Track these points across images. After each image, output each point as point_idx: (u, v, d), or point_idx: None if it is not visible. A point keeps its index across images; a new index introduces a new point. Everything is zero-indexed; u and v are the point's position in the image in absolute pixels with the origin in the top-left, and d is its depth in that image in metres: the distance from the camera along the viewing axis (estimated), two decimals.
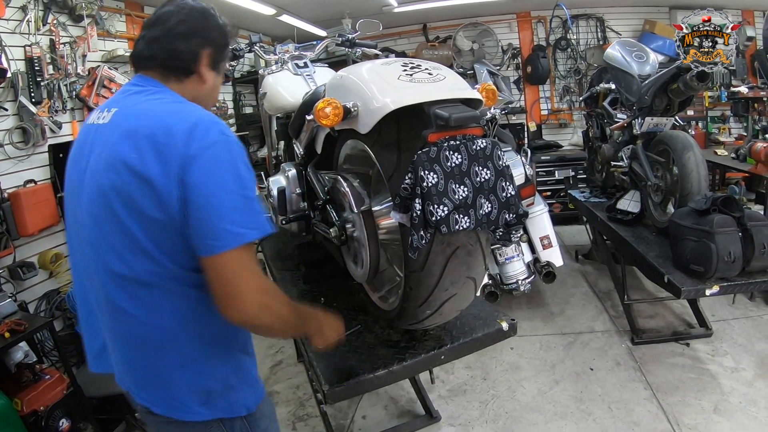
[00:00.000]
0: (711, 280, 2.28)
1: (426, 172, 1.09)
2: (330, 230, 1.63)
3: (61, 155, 2.78)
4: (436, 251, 1.23)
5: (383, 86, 1.21)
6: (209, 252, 0.95)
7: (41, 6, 2.81)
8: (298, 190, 1.99)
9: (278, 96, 2.17)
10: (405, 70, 1.24)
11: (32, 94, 2.71)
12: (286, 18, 4.54)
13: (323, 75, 2.17)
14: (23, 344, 2.34)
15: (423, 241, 1.12)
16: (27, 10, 2.71)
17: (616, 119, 3.33)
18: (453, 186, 1.11)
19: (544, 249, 3.24)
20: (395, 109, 1.16)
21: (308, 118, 1.35)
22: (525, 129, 5.93)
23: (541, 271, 3.20)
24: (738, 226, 2.27)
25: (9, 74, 2.56)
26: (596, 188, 4.05)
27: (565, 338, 3.19)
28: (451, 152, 1.12)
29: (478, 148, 1.15)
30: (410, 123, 1.21)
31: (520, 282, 3.13)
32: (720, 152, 4.46)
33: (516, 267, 3.15)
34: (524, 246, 3.24)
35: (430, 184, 1.09)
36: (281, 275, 2.34)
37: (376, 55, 2.57)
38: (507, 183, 1.18)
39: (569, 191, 4.52)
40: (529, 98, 5.98)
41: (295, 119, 1.87)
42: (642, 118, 3.02)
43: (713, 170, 4.58)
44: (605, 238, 3.65)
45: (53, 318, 2.64)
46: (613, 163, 3.37)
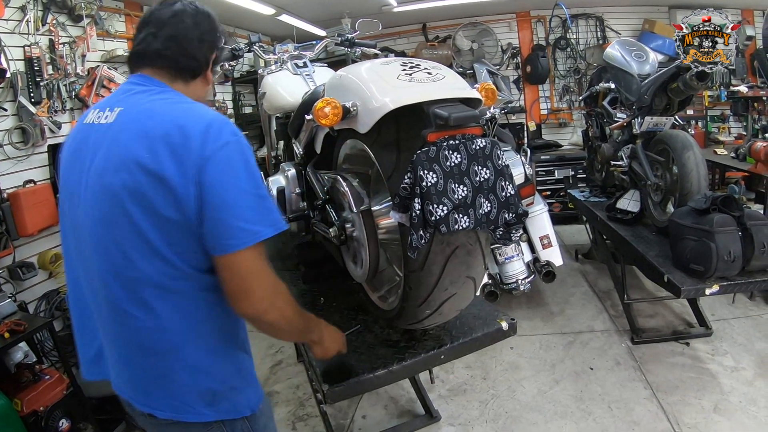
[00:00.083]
0: (711, 280, 2.28)
1: (425, 172, 1.09)
2: (329, 230, 1.63)
3: None
4: (436, 251, 1.23)
5: (382, 86, 1.21)
6: (224, 251, 0.96)
7: (40, 6, 2.80)
8: (298, 190, 2.00)
9: (277, 96, 2.17)
10: (404, 70, 1.24)
11: (31, 94, 2.71)
12: (286, 18, 4.54)
13: (322, 75, 2.17)
14: (23, 344, 2.34)
15: (422, 241, 1.12)
16: (26, 10, 2.71)
17: (616, 119, 3.33)
18: (452, 185, 1.11)
19: (544, 248, 3.24)
20: (394, 109, 1.16)
21: (307, 118, 1.35)
22: (524, 128, 5.93)
23: (541, 271, 3.20)
24: (738, 226, 2.27)
25: (8, 74, 2.56)
26: (596, 188, 4.05)
27: (565, 338, 3.19)
28: (451, 152, 1.11)
29: (478, 148, 1.15)
30: (409, 122, 1.20)
31: (520, 281, 3.14)
32: (720, 151, 4.46)
33: (516, 266, 3.15)
34: (524, 245, 3.24)
35: (430, 184, 1.09)
36: (281, 275, 2.31)
37: (376, 55, 2.57)
38: (506, 182, 1.18)
39: (569, 191, 4.53)
40: (529, 98, 5.98)
41: (295, 119, 1.87)
42: (641, 118, 3.02)
43: (713, 169, 4.58)
44: (605, 238, 3.65)
45: (53, 318, 2.64)
46: (613, 163, 3.37)
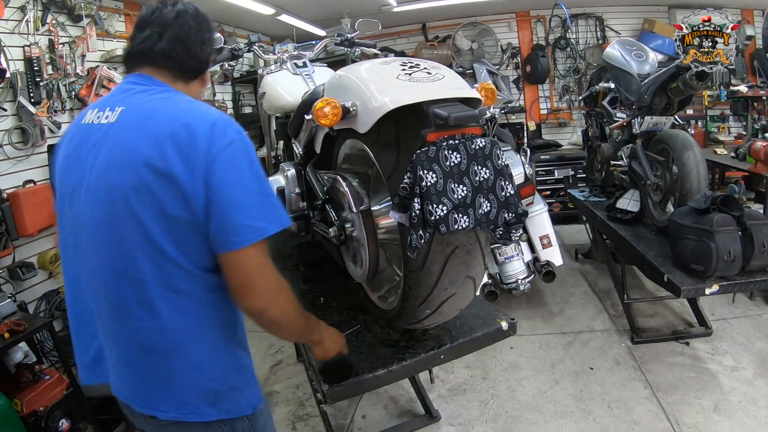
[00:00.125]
0: (711, 279, 2.28)
1: (425, 172, 1.09)
2: (329, 230, 1.63)
3: None
4: (436, 251, 1.23)
5: (382, 86, 1.21)
6: (230, 248, 0.97)
7: (40, 6, 2.80)
8: (297, 190, 2.00)
9: (277, 96, 2.17)
10: (404, 70, 1.24)
11: (31, 95, 2.71)
12: (285, 18, 4.54)
13: (322, 74, 2.16)
14: (23, 344, 2.34)
15: (422, 241, 1.12)
16: (26, 10, 2.71)
17: (616, 118, 3.33)
18: (452, 185, 1.10)
19: (544, 248, 3.24)
20: (394, 109, 1.15)
21: (307, 118, 1.35)
22: (524, 128, 5.93)
23: (541, 271, 3.20)
24: (738, 225, 2.27)
25: (8, 74, 2.56)
26: (596, 187, 4.04)
27: (565, 337, 3.19)
28: (450, 151, 1.11)
29: (477, 148, 1.15)
30: (409, 122, 1.20)
31: (520, 281, 3.14)
32: (719, 151, 4.46)
33: (515, 266, 3.16)
34: (524, 245, 3.25)
35: (429, 184, 1.08)
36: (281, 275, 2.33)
37: (375, 55, 2.57)
38: (506, 182, 1.18)
39: (569, 190, 4.53)
40: (529, 97, 5.98)
41: (294, 119, 1.87)
42: (641, 117, 3.02)
43: (713, 169, 4.58)
44: (605, 238, 3.64)
45: (53, 318, 2.64)
46: (613, 162, 3.37)
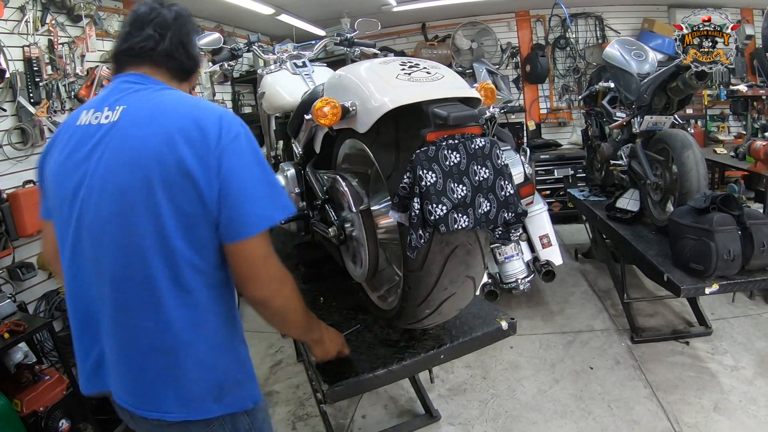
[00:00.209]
0: (710, 279, 2.27)
1: (424, 171, 1.08)
2: (329, 230, 1.63)
3: None
4: (435, 250, 1.23)
5: (381, 85, 1.20)
6: (239, 237, 0.99)
7: (39, 6, 2.80)
8: (297, 190, 2.00)
9: (277, 95, 2.17)
10: (403, 69, 1.24)
11: (31, 95, 2.71)
12: (285, 17, 4.54)
13: (322, 74, 2.16)
14: (23, 345, 2.34)
15: (422, 241, 1.11)
16: (25, 11, 2.71)
17: (615, 118, 3.33)
18: (452, 185, 1.10)
19: (544, 248, 3.24)
20: (393, 108, 1.15)
21: (307, 118, 1.35)
22: (524, 128, 5.93)
23: (541, 270, 3.20)
24: (737, 225, 2.27)
25: (7, 74, 2.56)
26: (595, 187, 4.04)
27: (565, 337, 3.19)
28: (450, 151, 1.11)
29: (477, 147, 1.14)
30: (409, 122, 1.20)
31: (520, 281, 3.14)
32: (719, 150, 4.46)
33: (515, 266, 3.15)
34: (524, 245, 3.24)
35: (429, 183, 1.08)
36: None
37: (375, 55, 2.57)
38: (506, 182, 1.18)
39: (568, 190, 4.52)
40: (528, 97, 5.98)
41: (294, 119, 1.86)
42: (641, 117, 3.02)
43: (712, 169, 4.58)
44: (605, 237, 3.64)
45: (53, 318, 2.64)
46: (613, 162, 3.37)
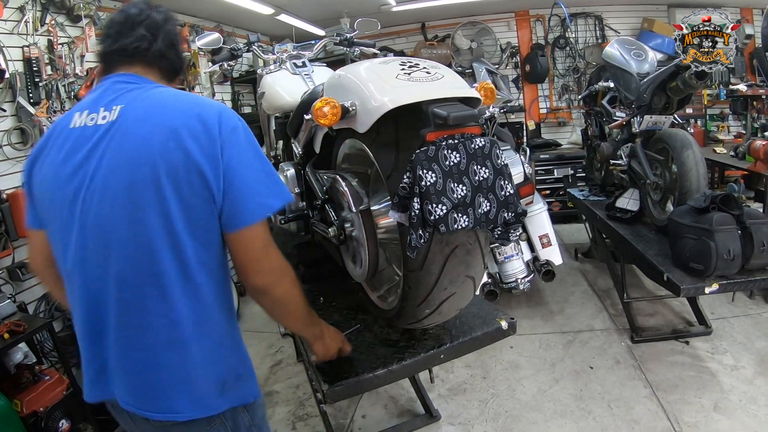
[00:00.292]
0: (710, 278, 2.28)
1: (424, 171, 1.08)
2: (329, 230, 1.63)
3: None
4: (435, 250, 1.23)
5: (381, 85, 1.20)
6: (241, 225, 1.01)
7: (39, 6, 2.80)
8: (297, 190, 1.99)
9: (276, 95, 2.17)
10: (403, 69, 1.24)
11: (30, 95, 2.70)
12: (285, 17, 4.54)
13: (321, 74, 2.16)
14: (23, 345, 2.34)
15: (422, 241, 1.11)
16: (25, 11, 2.70)
17: (615, 117, 3.33)
18: (451, 185, 1.10)
19: (544, 247, 3.24)
20: (393, 108, 1.15)
21: (306, 118, 1.34)
22: (524, 127, 5.93)
23: (541, 270, 3.21)
24: (737, 224, 2.27)
25: (7, 75, 2.55)
26: (595, 186, 4.04)
27: (565, 337, 3.19)
28: (450, 151, 1.11)
29: (477, 147, 1.14)
30: (409, 122, 1.20)
31: (520, 281, 3.14)
32: (719, 150, 4.46)
33: (515, 266, 3.16)
34: (523, 245, 3.25)
35: (429, 183, 1.08)
36: None
37: (375, 54, 2.57)
38: (505, 182, 1.18)
39: (568, 190, 4.52)
40: (528, 97, 5.98)
41: (294, 119, 1.86)
42: (641, 117, 3.02)
43: (712, 168, 4.58)
44: (604, 237, 3.64)
45: (52, 319, 2.63)
46: (612, 162, 3.37)
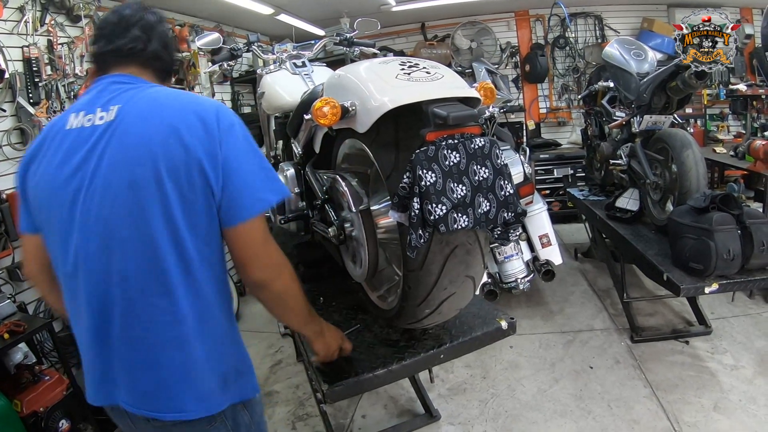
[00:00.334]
0: (710, 278, 2.28)
1: (424, 171, 1.08)
2: (328, 229, 1.63)
3: None
4: (435, 250, 1.23)
5: (381, 85, 1.20)
6: (239, 219, 1.02)
7: (39, 6, 2.80)
8: (297, 190, 1.99)
9: (276, 95, 2.17)
10: (403, 69, 1.24)
11: (30, 95, 2.70)
12: (284, 17, 4.54)
13: (321, 74, 2.16)
14: (23, 345, 2.34)
15: (421, 240, 1.12)
16: (25, 11, 2.71)
17: (615, 117, 3.33)
18: (451, 185, 1.10)
19: (543, 247, 3.24)
20: (393, 108, 1.15)
21: (306, 118, 1.35)
22: (524, 127, 5.93)
23: (541, 270, 3.21)
24: (737, 224, 2.27)
25: (7, 75, 2.56)
26: (595, 186, 4.04)
27: (565, 336, 3.19)
28: (450, 151, 1.11)
29: (477, 147, 1.14)
30: (408, 122, 1.20)
31: (520, 280, 3.14)
32: (719, 150, 4.46)
33: (515, 265, 3.16)
34: (523, 244, 3.25)
35: (429, 183, 1.08)
36: None
37: (374, 54, 2.57)
38: (505, 182, 1.18)
39: (568, 189, 4.53)
40: (528, 97, 5.98)
41: (293, 119, 1.86)
42: (640, 116, 3.02)
43: (712, 168, 4.58)
44: (604, 237, 3.64)
45: (52, 319, 2.63)
46: (612, 161, 3.37)
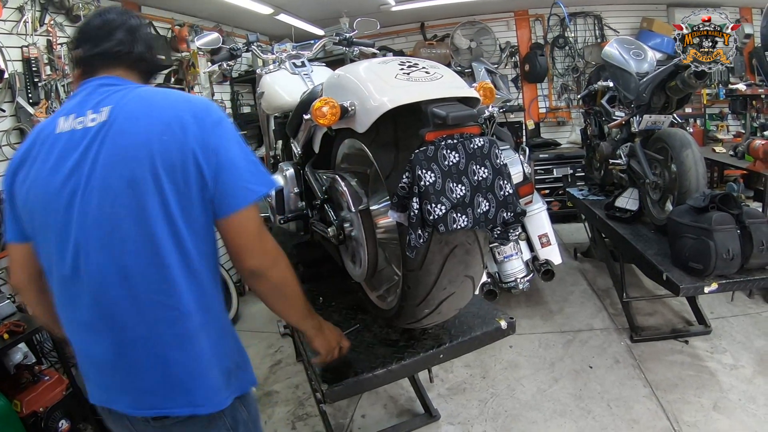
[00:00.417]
0: (709, 278, 2.28)
1: (423, 171, 1.09)
2: (328, 229, 1.63)
3: None
4: (434, 250, 1.23)
5: (380, 85, 1.20)
6: (230, 210, 1.04)
7: (38, 6, 2.80)
8: (296, 190, 1.99)
9: (276, 95, 2.16)
10: (402, 69, 1.24)
11: (29, 95, 2.70)
12: (284, 17, 4.53)
13: (321, 74, 2.16)
14: (22, 345, 2.34)
15: (421, 240, 1.12)
16: (24, 11, 2.70)
17: (614, 117, 3.33)
18: (450, 185, 1.11)
19: (543, 247, 3.25)
20: (392, 108, 1.15)
21: (306, 118, 1.35)
22: (523, 127, 5.93)
23: (540, 269, 3.21)
24: (736, 224, 2.27)
25: (6, 75, 2.55)
26: (594, 186, 4.04)
27: (564, 336, 3.19)
28: (449, 151, 1.11)
29: (476, 147, 1.15)
30: (408, 122, 1.20)
31: (519, 280, 3.14)
32: (718, 149, 4.46)
33: (515, 265, 3.16)
34: (523, 244, 3.25)
35: (428, 183, 1.09)
36: None
37: (374, 54, 2.57)
38: (505, 181, 1.18)
39: (568, 189, 4.53)
40: (527, 96, 5.98)
41: (293, 118, 1.86)
42: (640, 116, 3.02)
43: (711, 167, 4.57)
44: (604, 236, 3.64)
45: None
46: (612, 161, 3.38)
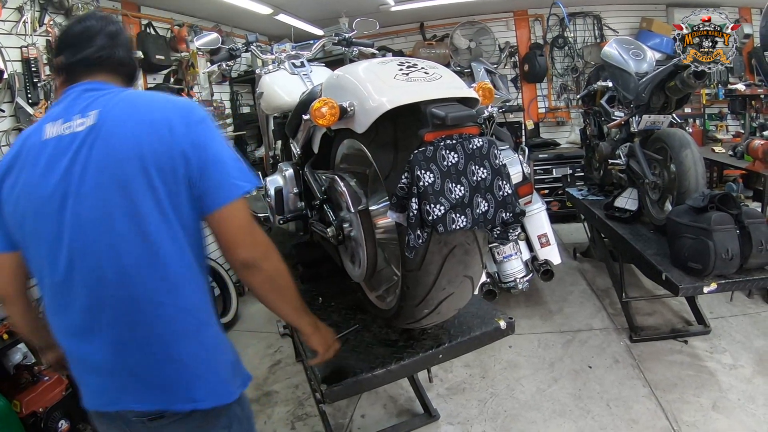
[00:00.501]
0: (709, 278, 2.28)
1: (422, 172, 1.09)
2: (327, 230, 1.63)
3: None
4: (433, 250, 1.23)
5: (379, 85, 1.21)
6: (218, 204, 1.05)
7: (37, 6, 2.80)
8: (296, 190, 2.00)
9: (275, 95, 2.17)
10: (401, 69, 1.24)
11: (29, 96, 2.70)
12: (283, 17, 4.53)
13: (320, 74, 2.16)
14: (22, 346, 2.33)
15: (420, 241, 1.12)
16: (23, 11, 2.70)
17: (614, 117, 3.33)
18: (449, 185, 1.11)
19: (542, 247, 3.24)
20: (392, 109, 1.16)
21: (305, 118, 1.35)
22: (522, 127, 5.93)
23: (539, 269, 3.21)
24: (735, 224, 2.28)
25: (6, 75, 2.55)
26: (594, 186, 4.05)
27: (564, 336, 3.19)
28: (448, 151, 1.12)
29: (475, 147, 1.15)
30: (407, 122, 1.21)
31: (519, 280, 3.14)
32: (717, 149, 4.46)
33: (514, 265, 3.16)
34: (522, 244, 3.25)
35: (427, 184, 1.09)
36: None
37: (373, 54, 2.57)
38: (503, 182, 1.18)
39: (567, 189, 4.53)
40: (527, 96, 5.98)
41: (292, 119, 1.87)
42: (639, 116, 3.02)
43: (711, 168, 4.57)
44: (603, 236, 3.65)
45: None
46: (611, 161, 3.38)
